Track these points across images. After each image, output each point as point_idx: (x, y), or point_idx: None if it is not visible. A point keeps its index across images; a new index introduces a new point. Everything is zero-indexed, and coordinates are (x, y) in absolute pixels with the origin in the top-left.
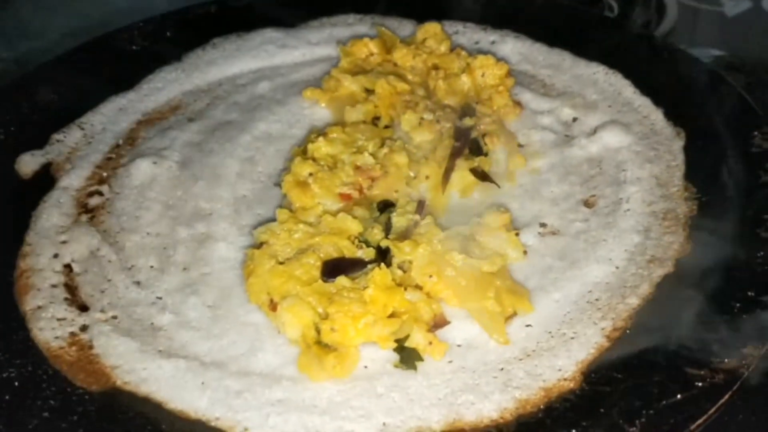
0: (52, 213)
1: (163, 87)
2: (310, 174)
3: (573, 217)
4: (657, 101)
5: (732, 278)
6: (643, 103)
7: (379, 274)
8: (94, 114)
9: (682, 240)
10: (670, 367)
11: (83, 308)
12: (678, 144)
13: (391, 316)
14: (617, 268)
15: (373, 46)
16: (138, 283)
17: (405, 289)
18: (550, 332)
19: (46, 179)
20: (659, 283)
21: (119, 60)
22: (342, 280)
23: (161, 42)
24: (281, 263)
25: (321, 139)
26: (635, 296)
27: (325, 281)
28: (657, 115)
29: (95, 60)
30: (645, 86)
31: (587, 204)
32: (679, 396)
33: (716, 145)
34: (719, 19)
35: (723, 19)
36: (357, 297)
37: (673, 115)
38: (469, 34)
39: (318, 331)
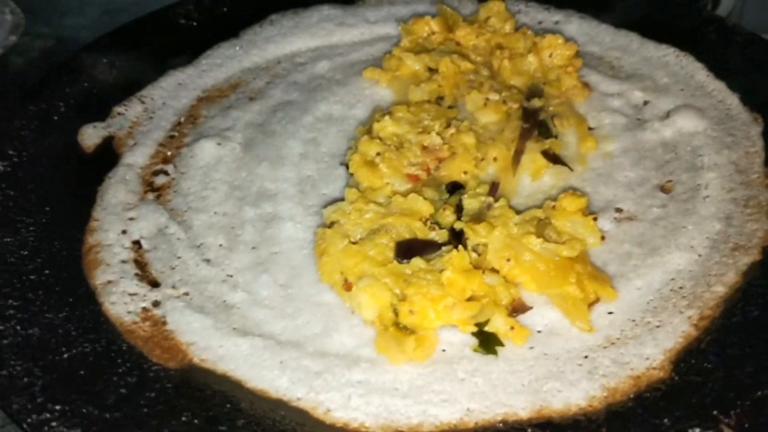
0: (119, 189)
1: (222, 63)
2: (378, 154)
3: (650, 202)
4: (732, 86)
5: None
6: (718, 87)
7: (456, 257)
8: (154, 88)
9: (767, 228)
10: (762, 356)
11: (154, 284)
12: (756, 130)
13: (469, 299)
14: (700, 256)
15: (434, 25)
16: (208, 260)
17: (483, 272)
18: (633, 320)
19: (108, 154)
20: (746, 271)
21: (176, 34)
22: (417, 262)
23: (218, 17)
24: (354, 243)
25: (387, 118)
26: (721, 284)
27: (400, 262)
28: (733, 100)
29: (152, 34)
30: (718, 70)
31: (664, 189)
32: None
33: None
34: None
35: None
36: (434, 279)
37: (750, 101)
38: (532, 13)
39: (396, 312)
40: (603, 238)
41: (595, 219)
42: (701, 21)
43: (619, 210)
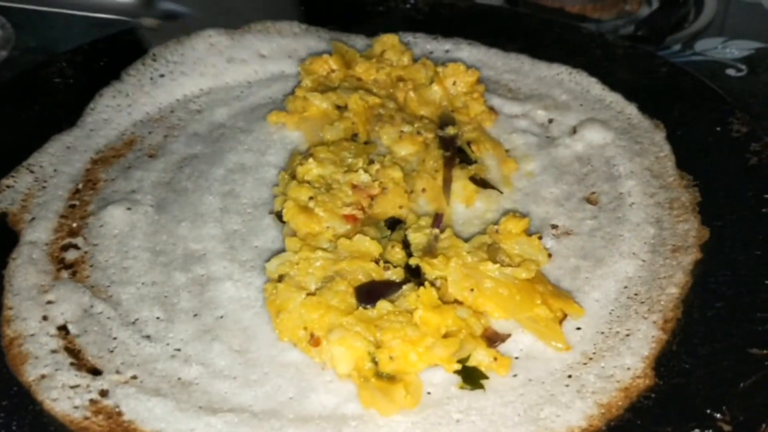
0: (28, 271)
1: (110, 119)
2: (311, 198)
3: (581, 215)
4: (628, 96)
5: (760, 255)
6: (615, 99)
7: (424, 294)
8: (41, 154)
9: (697, 226)
10: (734, 350)
11: (95, 372)
12: (659, 135)
13: (444, 336)
14: (644, 261)
15: (333, 62)
16: (148, 337)
17: (453, 306)
18: (602, 332)
19: (5, 232)
20: (692, 270)
21: (53, 94)
22: (383, 305)
23: (95, 71)
24: (311, 294)
25: (311, 160)
26: (673, 286)
27: (365, 308)
28: (631, 110)
29: (27, 97)
30: (611, 83)
31: (590, 201)
32: (753, 377)
33: (696, 133)
34: (759, 10)
35: (763, 12)
36: (406, 320)
37: (647, 109)
38: (421, 44)
39: (374, 361)
40: (549, 255)
41: (539, 238)
42: (583, 38)
43: (554, 226)
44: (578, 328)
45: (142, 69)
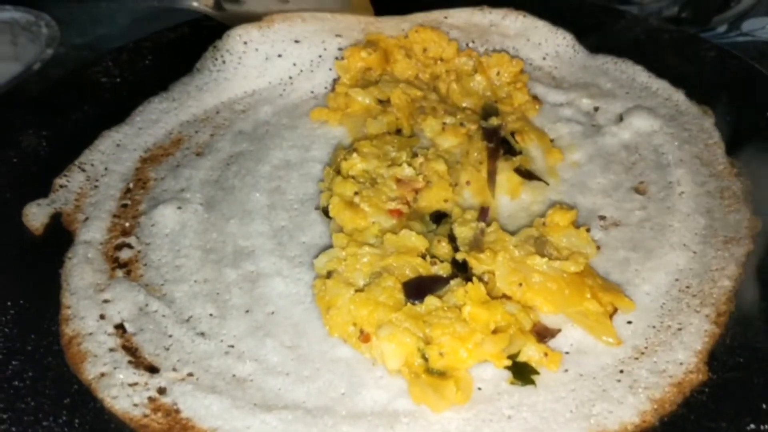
0: (84, 270)
1: (158, 119)
2: (356, 193)
3: (630, 206)
4: (675, 83)
5: None
6: (662, 86)
7: (473, 290)
8: (92, 152)
9: (749, 216)
10: None
11: (152, 369)
12: (708, 122)
13: (494, 332)
14: (695, 253)
15: (370, 59)
16: (202, 334)
17: (502, 301)
18: (654, 326)
19: (60, 232)
20: (744, 262)
21: (100, 93)
22: (431, 300)
23: (140, 70)
24: (360, 290)
25: (354, 155)
26: (726, 278)
27: (413, 304)
28: (678, 96)
29: (75, 96)
30: (656, 69)
31: (639, 191)
32: None
33: (746, 119)
34: None
35: None
36: (455, 316)
37: (695, 95)
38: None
39: (424, 357)
40: (598, 247)
41: (587, 230)
42: (627, 23)
43: (602, 218)
44: (629, 322)
45: (188, 81)
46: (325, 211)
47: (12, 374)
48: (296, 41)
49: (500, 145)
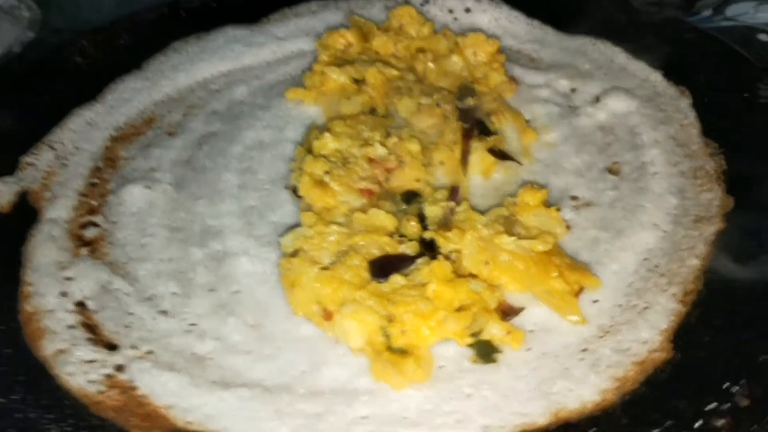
0: (48, 248)
1: (130, 98)
2: (326, 172)
3: (602, 186)
4: (652, 64)
5: None
6: (639, 68)
7: (438, 268)
8: (62, 131)
9: (721, 195)
10: (755, 322)
11: (111, 347)
12: (685, 102)
13: (458, 310)
14: (665, 232)
15: (350, 36)
16: (164, 312)
17: (466, 279)
18: (620, 305)
19: (26, 210)
20: (714, 240)
21: (75, 73)
22: (396, 279)
23: (115, 50)
24: (325, 269)
25: (327, 134)
26: (694, 257)
27: (378, 282)
28: (656, 77)
29: (49, 75)
30: (636, 51)
31: (612, 171)
32: None
33: (723, 100)
34: None
35: None
36: (419, 294)
37: (672, 76)
38: (441, 1)
39: (386, 335)
40: (568, 227)
41: (558, 210)
42: (609, 4)
43: (574, 198)
44: (595, 301)
45: (163, 59)
46: (295, 191)
47: None
48: (280, 38)
49: (475, 125)
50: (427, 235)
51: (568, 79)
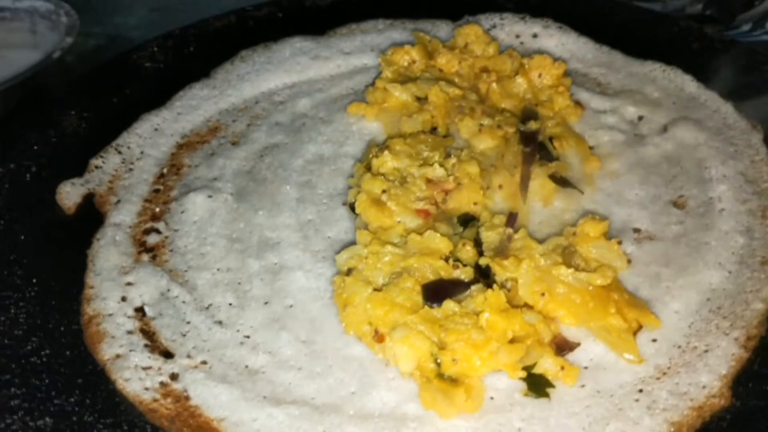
0: (111, 252)
1: (197, 105)
2: (384, 191)
3: (666, 220)
4: (724, 94)
5: None
6: (710, 97)
7: (492, 297)
8: (130, 135)
9: None
10: None
11: (167, 354)
12: (756, 137)
13: (511, 341)
14: (730, 272)
15: (414, 53)
16: (220, 322)
17: (521, 310)
18: (679, 346)
19: (91, 213)
20: None
21: (144, 78)
22: (449, 305)
23: (184, 57)
24: (378, 290)
25: (386, 153)
26: (759, 301)
27: (431, 307)
28: (727, 109)
29: (119, 80)
30: (707, 80)
31: (677, 205)
32: None
33: None
34: None
35: None
36: (473, 323)
37: (744, 108)
38: (508, 26)
39: (436, 362)
40: (629, 261)
41: (618, 242)
42: (680, 31)
43: (637, 230)
44: (654, 340)
45: (230, 68)
46: (353, 207)
47: (30, 350)
48: (346, 53)
49: (536, 149)
50: (483, 261)
51: (636, 106)
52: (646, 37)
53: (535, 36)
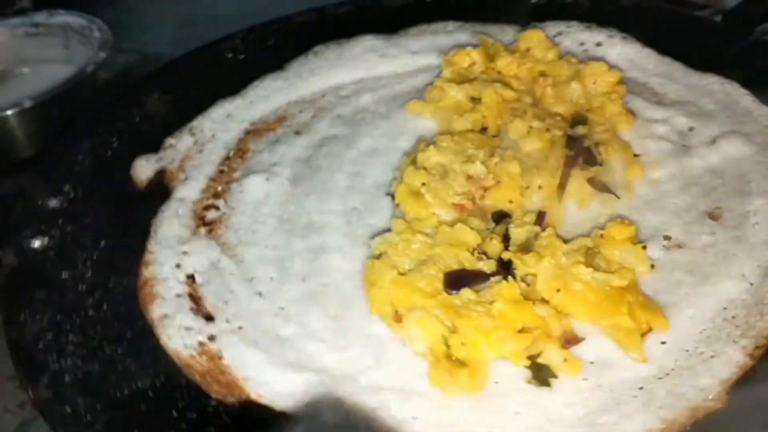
0: (173, 223)
1: (268, 96)
2: (423, 184)
3: (698, 229)
4: None
5: None
6: (764, 113)
7: (506, 288)
8: (204, 119)
9: None
10: None
11: (209, 318)
12: None
13: (521, 331)
14: (752, 284)
15: (475, 55)
16: (260, 293)
17: (533, 303)
18: (687, 350)
19: (160, 187)
20: None
21: (224, 68)
22: (467, 293)
23: (264, 51)
24: (402, 274)
25: (431, 147)
26: None
27: (449, 293)
28: None
29: (201, 68)
30: (763, 96)
31: (712, 216)
32: None
33: None
34: None
35: None
36: (485, 311)
37: None
38: (573, 34)
39: (447, 344)
40: (653, 266)
41: (644, 247)
42: (748, 46)
43: (667, 238)
44: (663, 342)
45: (303, 61)
46: (394, 198)
47: (90, 304)
48: (414, 52)
49: (580, 153)
50: (506, 255)
51: (688, 117)
52: (710, 50)
53: (598, 44)
